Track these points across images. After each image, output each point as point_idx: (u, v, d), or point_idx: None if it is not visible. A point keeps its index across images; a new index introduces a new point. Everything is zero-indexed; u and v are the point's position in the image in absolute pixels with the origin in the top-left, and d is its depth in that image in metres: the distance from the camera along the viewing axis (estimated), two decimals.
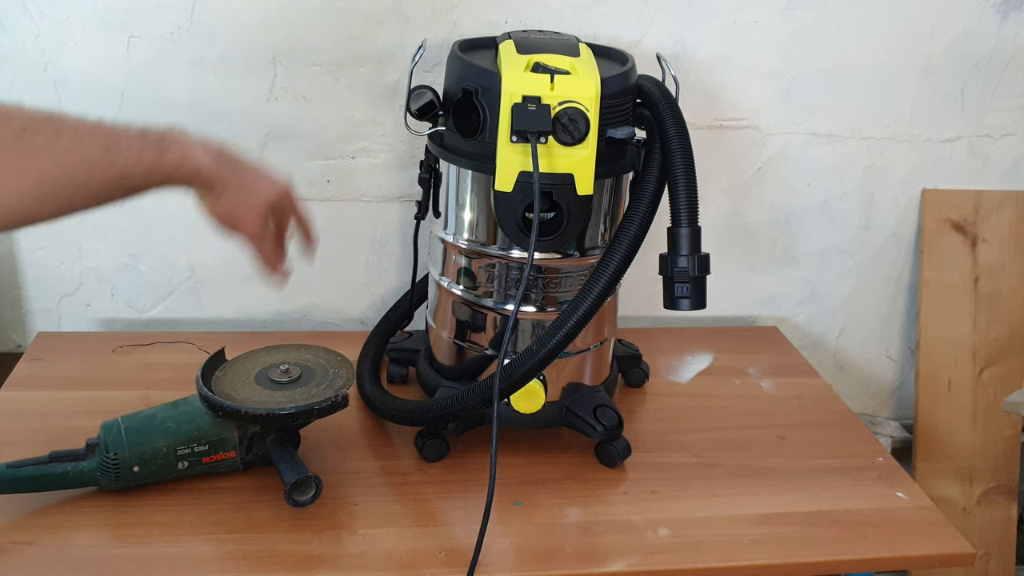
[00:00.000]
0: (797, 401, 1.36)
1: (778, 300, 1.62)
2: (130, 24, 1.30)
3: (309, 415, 1.05)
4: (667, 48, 1.40)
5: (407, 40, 1.34)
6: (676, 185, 1.04)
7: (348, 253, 1.48)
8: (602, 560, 1.02)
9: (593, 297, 1.04)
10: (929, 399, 1.61)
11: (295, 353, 1.16)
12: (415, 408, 1.16)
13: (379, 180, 1.43)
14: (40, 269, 1.43)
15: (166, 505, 1.05)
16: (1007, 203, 1.60)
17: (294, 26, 1.32)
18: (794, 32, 1.43)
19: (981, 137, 1.55)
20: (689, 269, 1.04)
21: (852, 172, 1.54)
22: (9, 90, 1.31)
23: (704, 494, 1.14)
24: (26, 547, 0.98)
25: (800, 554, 1.04)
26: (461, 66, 1.09)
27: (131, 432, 1.04)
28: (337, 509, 1.06)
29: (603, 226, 1.15)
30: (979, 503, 1.62)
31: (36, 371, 1.31)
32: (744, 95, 1.46)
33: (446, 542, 1.03)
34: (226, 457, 1.08)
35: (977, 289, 1.60)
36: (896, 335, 1.67)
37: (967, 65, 1.50)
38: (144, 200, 1.38)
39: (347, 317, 1.53)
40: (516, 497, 1.11)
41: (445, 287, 1.21)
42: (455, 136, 1.10)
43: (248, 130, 1.37)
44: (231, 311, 1.49)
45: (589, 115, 1.01)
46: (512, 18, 1.36)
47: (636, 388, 1.37)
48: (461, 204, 1.15)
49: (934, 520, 1.11)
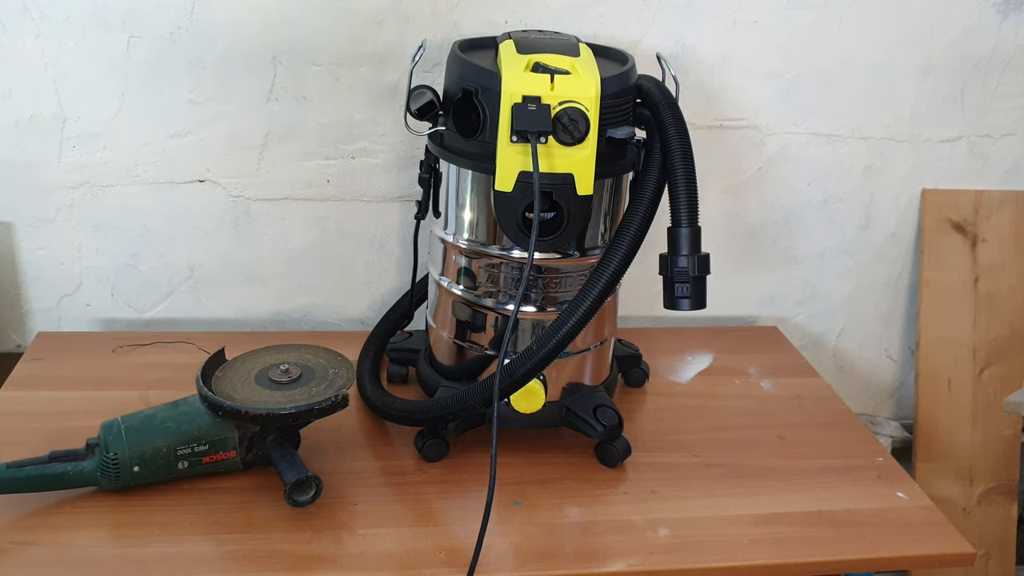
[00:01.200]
0: (797, 401, 1.36)
1: (778, 300, 1.62)
2: (130, 24, 1.30)
3: (309, 415, 1.05)
4: (667, 48, 1.40)
5: (407, 40, 1.34)
6: (676, 185, 1.04)
7: (348, 253, 1.48)
8: (602, 560, 1.02)
9: (593, 297, 1.04)
10: (929, 399, 1.61)
11: (295, 353, 1.16)
12: (415, 408, 1.16)
13: (379, 180, 1.43)
14: (40, 269, 1.43)
15: (166, 505, 1.05)
16: (1007, 203, 1.60)
17: (294, 26, 1.32)
18: (794, 32, 1.43)
19: (981, 137, 1.55)
20: (689, 269, 1.04)
21: (852, 172, 1.54)
22: (9, 90, 1.31)
23: (704, 494, 1.14)
24: (26, 547, 0.98)
25: (800, 554, 1.04)
26: (461, 66, 1.09)
27: (131, 432, 1.04)
28: (337, 509, 1.06)
29: (603, 226, 1.15)
30: (979, 503, 1.62)
31: (36, 371, 1.31)
32: (744, 95, 1.46)
33: (446, 542, 1.03)
34: (226, 457, 1.08)
35: (977, 289, 1.60)
36: (896, 335, 1.67)
37: (967, 65, 1.50)
38: (144, 200, 1.40)
39: (347, 317, 1.53)
40: (516, 497, 1.11)
41: (445, 287, 1.21)
42: (455, 136, 1.10)
43: (248, 130, 1.37)
44: (231, 311, 1.49)
45: (589, 115, 1.01)
46: (512, 18, 1.36)
47: (636, 388, 1.37)
48: (461, 204, 1.15)
49: (934, 520, 1.11)
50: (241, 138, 1.38)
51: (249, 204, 1.42)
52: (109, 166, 1.37)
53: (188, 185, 1.40)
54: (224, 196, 1.41)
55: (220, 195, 1.41)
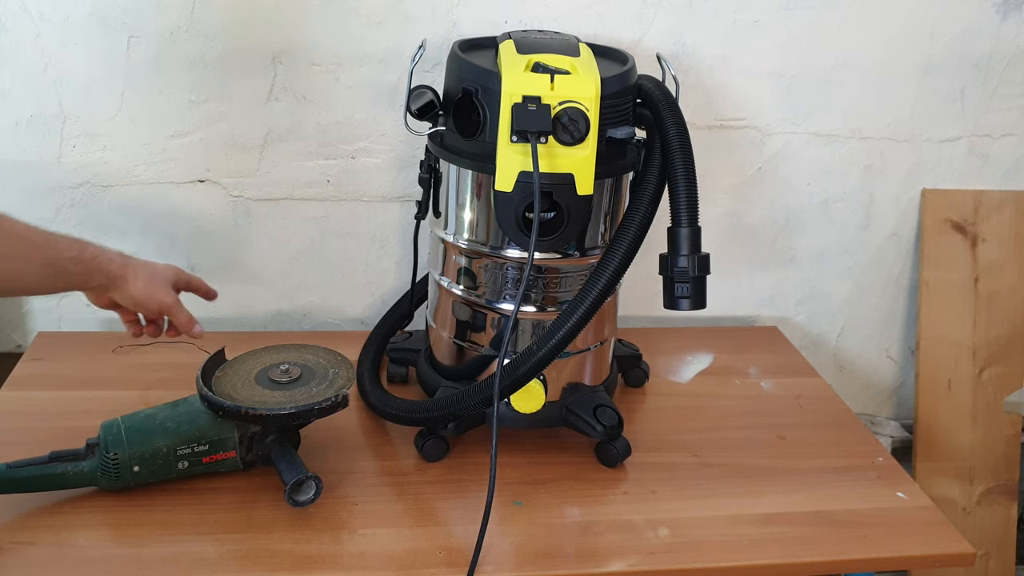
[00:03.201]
0: (797, 401, 1.36)
1: (778, 300, 1.62)
2: (130, 24, 1.30)
3: (309, 415, 1.05)
4: (667, 48, 1.40)
5: (407, 40, 1.34)
6: (676, 185, 1.04)
7: (348, 253, 1.48)
8: (602, 560, 1.02)
9: (593, 297, 1.04)
10: (929, 399, 1.60)
11: (295, 353, 1.16)
12: (415, 408, 1.16)
13: (379, 180, 1.43)
14: None
15: (166, 505, 1.05)
16: (1007, 203, 1.60)
17: (294, 26, 1.32)
18: (794, 32, 1.43)
19: (981, 137, 1.55)
20: (689, 269, 1.04)
21: (852, 172, 1.54)
22: (9, 90, 1.31)
23: (704, 494, 1.14)
24: (26, 547, 0.98)
25: (800, 554, 1.04)
26: (461, 66, 1.09)
27: (131, 432, 1.04)
28: (337, 509, 1.06)
29: (603, 226, 1.15)
30: (979, 503, 1.62)
31: (36, 371, 1.31)
32: (744, 95, 1.46)
33: (446, 542, 1.03)
34: (226, 457, 1.08)
35: (977, 289, 1.60)
36: (896, 335, 1.67)
37: (967, 65, 1.50)
38: (144, 199, 1.40)
39: (347, 317, 1.53)
40: (516, 497, 1.11)
41: (445, 287, 1.21)
42: (455, 136, 1.10)
43: (248, 130, 1.37)
44: (231, 311, 1.49)
45: (589, 115, 1.01)
46: (512, 18, 1.36)
47: (636, 388, 1.37)
48: (461, 204, 1.15)
49: (934, 520, 1.11)
50: (241, 138, 1.38)
51: (249, 204, 1.42)
52: (109, 166, 1.37)
53: (188, 185, 1.40)
54: (224, 196, 1.41)
55: (220, 195, 1.41)
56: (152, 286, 0.95)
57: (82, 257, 0.91)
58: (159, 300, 0.96)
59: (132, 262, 0.98)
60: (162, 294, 0.96)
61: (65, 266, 0.89)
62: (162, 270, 1.03)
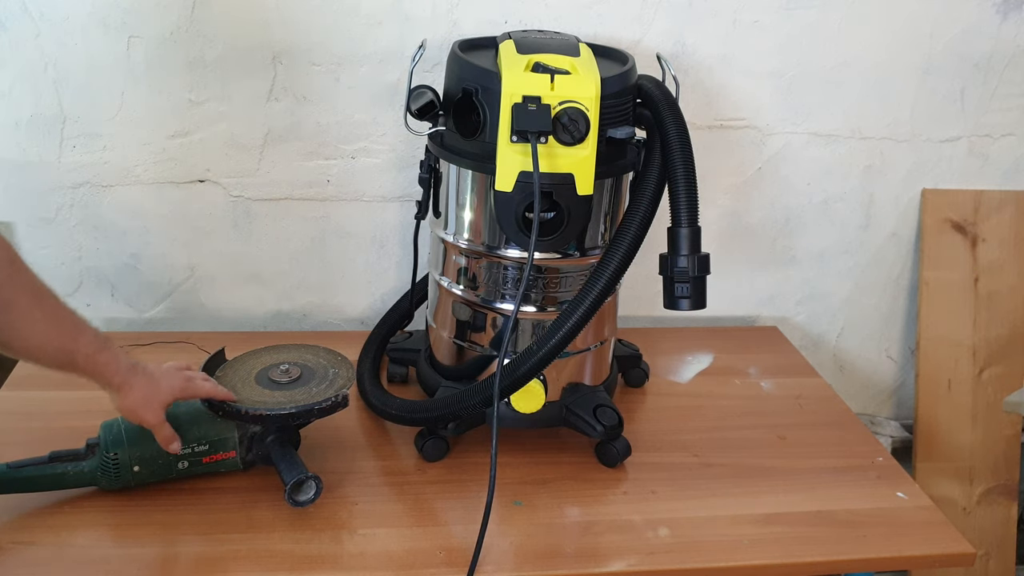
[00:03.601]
0: (797, 401, 1.36)
1: (778, 300, 1.62)
2: (130, 24, 1.29)
3: (309, 415, 1.05)
4: (667, 48, 1.40)
5: (407, 40, 1.34)
6: (676, 185, 1.04)
7: (348, 253, 1.48)
8: (602, 560, 1.02)
9: (593, 297, 1.04)
10: (929, 399, 1.60)
11: (295, 353, 1.16)
12: (415, 408, 1.16)
13: (379, 180, 1.43)
14: (40, 269, 1.39)
15: (166, 505, 1.05)
16: (1007, 203, 1.60)
17: (294, 26, 1.32)
18: (794, 32, 1.43)
19: (981, 137, 1.55)
20: (689, 269, 1.04)
21: (852, 172, 1.54)
22: (9, 90, 1.31)
23: (704, 494, 1.14)
24: (26, 547, 0.98)
25: (800, 554, 1.04)
26: (461, 66, 1.09)
27: (131, 432, 1.04)
28: (337, 509, 1.06)
29: (603, 226, 1.15)
30: (979, 503, 1.62)
31: (36, 371, 1.29)
32: (744, 95, 1.46)
33: (446, 542, 1.03)
34: (226, 457, 1.08)
35: (977, 289, 1.60)
36: (896, 335, 1.67)
37: (967, 65, 1.50)
38: (144, 200, 1.40)
39: (347, 317, 1.53)
40: (516, 497, 1.11)
41: (445, 287, 1.21)
42: (455, 136, 1.10)
43: (248, 130, 1.37)
44: (231, 311, 1.49)
45: (589, 115, 1.01)
46: (512, 18, 1.36)
47: (636, 388, 1.37)
48: (461, 204, 1.15)
49: (934, 520, 1.11)
50: (241, 138, 1.38)
51: (249, 204, 1.42)
52: (109, 166, 1.37)
53: (188, 185, 1.40)
54: (224, 196, 1.41)
55: (220, 195, 1.41)
56: (144, 405, 0.99)
57: (94, 359, 0.94)
58: (143, 419, 1.00)
59: (135, 378, 0.98)
60: (148, 414, 0.99)
61: (75, 359, 0.93)
62: (164, 390, 1.01)
